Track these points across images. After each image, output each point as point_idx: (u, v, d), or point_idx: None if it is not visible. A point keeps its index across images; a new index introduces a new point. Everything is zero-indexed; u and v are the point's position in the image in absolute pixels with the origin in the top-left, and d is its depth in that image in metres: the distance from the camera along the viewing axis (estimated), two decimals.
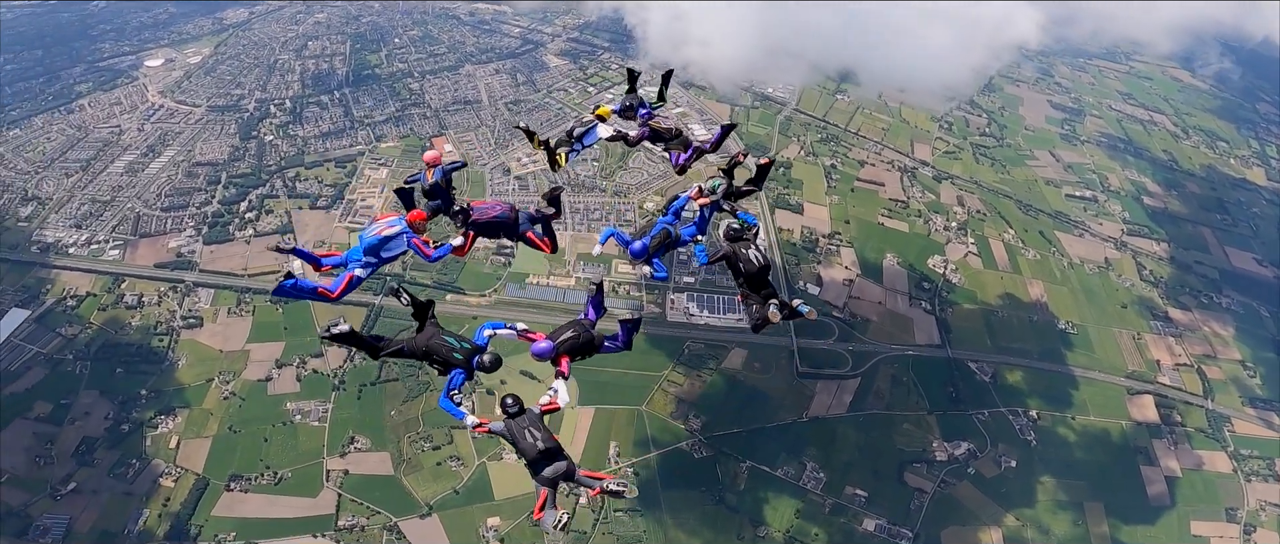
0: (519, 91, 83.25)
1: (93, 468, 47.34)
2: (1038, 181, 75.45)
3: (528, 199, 66.85)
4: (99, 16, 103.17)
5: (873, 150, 75.81)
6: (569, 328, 12.96)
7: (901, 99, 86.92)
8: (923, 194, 70.72)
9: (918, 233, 66.39)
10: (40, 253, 60.89)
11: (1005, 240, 66.99)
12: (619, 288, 59.45)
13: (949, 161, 75.85)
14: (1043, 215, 71.10)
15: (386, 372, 52.71)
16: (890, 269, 62.82)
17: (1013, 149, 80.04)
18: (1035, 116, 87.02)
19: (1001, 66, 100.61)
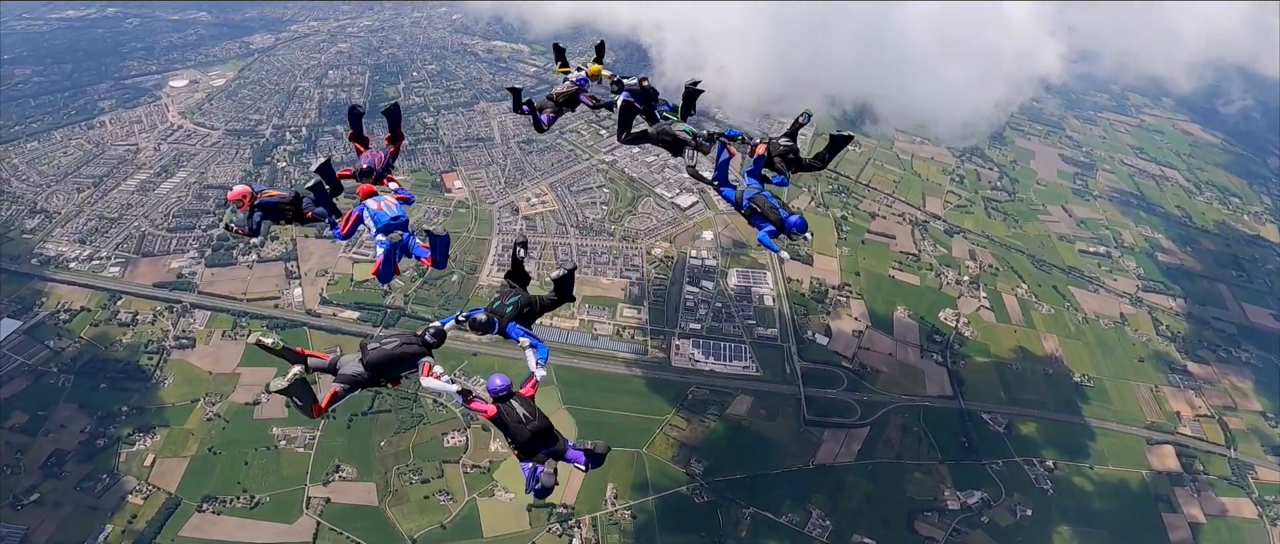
0: (531, 130, 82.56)
1: (60, 480, 45.78)
2: (1051, 237, 74.33)
3: (536, 239, 66.29)
4: (132, 34, 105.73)
5: (884, 202, 75.01)
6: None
7: (919, 136, 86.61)
8: (934, 247, 69.65)
9: (929, 286, 65.21)
10: (40, 265, 60.38)
11: (1018, 295, 65.81)
12: (623, 332, 58.09)
13: (961, 215, 74.98)
14: (1056, 271, 69.81)
15: (379, 402, 51.36)
16: (901, 321, 61.54)
17: (1025, 203, 79.13)
18: (1047, 171, 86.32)
19: (1024, 100, 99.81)
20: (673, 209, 70.73)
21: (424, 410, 51.06)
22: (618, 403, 53.11)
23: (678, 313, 59.97)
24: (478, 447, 49.44)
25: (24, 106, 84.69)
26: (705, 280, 62.75)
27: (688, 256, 64.95)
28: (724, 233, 67.65)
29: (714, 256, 65.11)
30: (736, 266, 64.28)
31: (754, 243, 66.16)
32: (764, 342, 58.35)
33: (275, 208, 12.82)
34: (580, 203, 71.28)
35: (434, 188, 72.57)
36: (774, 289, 62.34)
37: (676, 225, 68.63)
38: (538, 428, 10.32)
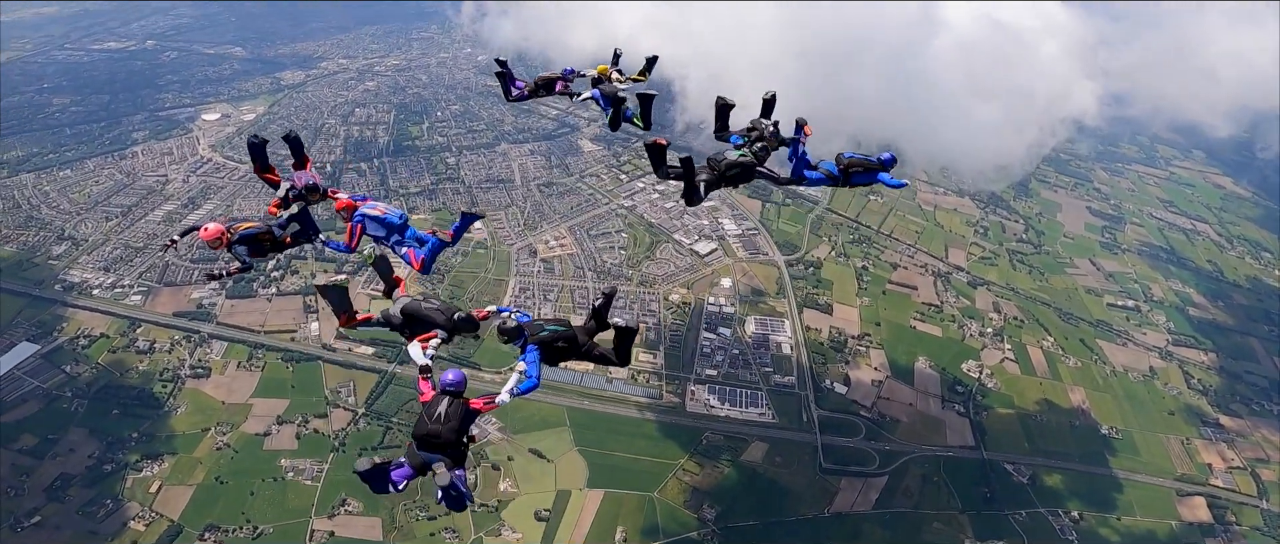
0: (551, 173, 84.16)
1: (62, 504, 45.50)
2: (1078, 290, 73.04)
3: (554, 282, 66.28)
4: (169, 67, 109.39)
5: (906, 253, 74.26)
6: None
7: (947, 178, 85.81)
8: (957, 299, 68.64)
9: (951, 337, 64.10)
10: (63, 291, 61.17)
11: (1044, 347, 64.49)
12: (638, 376, 57.51)
13: (985, 267, 73.95)
14: (1083, 324, 68.42)
15: (391, 439, 50.97)
16: (922, 372, 60.37)
17: (1051, 256, 77.87)
18: (1074, 224, 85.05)
19: (1057, 142, 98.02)
20: (691, 255, 70.53)
21: None
22: (630, 446, 52.31)
23: (694, 358, 59.34)
24: (486, 485, 48.60)
25: (60, 135, 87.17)
26: (722, 327, 62.17)
27: (705, 303, 64.51)
28: (742, 280, 67.29)
29: (732, 304, 64.62)
30: (754, 314, 63.67)
31: (773, 290, 65.93)
32: (781, 389, 57.48)
33: (255, 239, 12.45)
34: (598, 247, 71.36)
35: (445, 225, 72.82)
36: (792, 337, 61.60)
37: (695, 272, 68.36)
38: (440, 435, 9.61)
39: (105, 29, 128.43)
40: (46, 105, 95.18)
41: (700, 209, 77.00)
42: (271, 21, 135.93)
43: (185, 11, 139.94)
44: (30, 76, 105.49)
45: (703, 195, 14.89)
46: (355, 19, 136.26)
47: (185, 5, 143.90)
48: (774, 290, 66.67)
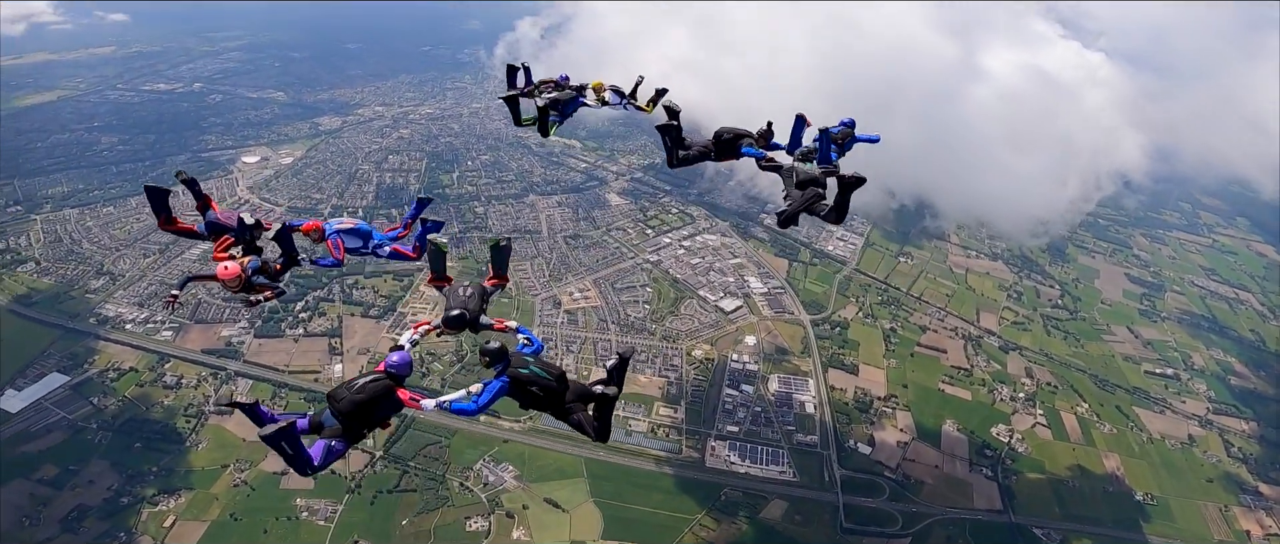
0: (578, 225, 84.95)
1: (76, 535, 45.40)
2: (1115, 357, 71.40)
3: (577, 334, 66.26)
4: (213, 109, 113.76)
5: (936, 316, 73.35)
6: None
7: (983, 232, 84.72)
8: (987, 363, 67.42)
9: (981, 401, 62.88)
10: (96, 324, 62.33)
11: (1078, 413, 63.03)
12: (657, 429, 56.90)
13: (1017, 332, 72.73)
14: (1120, 391, 66.76)
15: (406, 482, 50.70)
16: (949, 435, 59.16)
17: (1088, 323, 76.40)
18: (1112, 290, 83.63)
19: (1102, 197, 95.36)
20: (716, 312, 70.31)
21: (449, 493, 50.19)
22: (647, 500, 51.39)
23: (715, 414, 58.62)
24: (500, 533, 47.83)
25: (105, 173, 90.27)
26: (745, 384, 61.52)
27: (729, 360, 63.99)
28: (767, 338, 66.79)
29: (755, 361, 64.02)
30: (778, 373, 62.98)
31: (798, 349, 65.36)
32: (803, 448, 56.46)
33: (264, 268, 12.52)
34: (623, 300, 71.46)
35: (479, 275, 73.32)
36: (816, 396, 60.75)
37: (719, 328, 68.04)
38: (343, 401, 9.58)
39: (155, 71, 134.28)
40: (95, 143, 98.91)
41: (726, 266, 77.19)
42: (312, 68, 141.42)
43: (233, 56, 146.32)
44: (82, 114, 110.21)
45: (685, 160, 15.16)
46: (392, 67, 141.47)
47: (234, 50, 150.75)
48: (799, 349, 66.02)
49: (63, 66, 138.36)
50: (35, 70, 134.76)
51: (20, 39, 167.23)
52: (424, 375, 59.09)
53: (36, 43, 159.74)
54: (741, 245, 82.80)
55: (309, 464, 9.41)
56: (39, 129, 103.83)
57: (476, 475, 51.64)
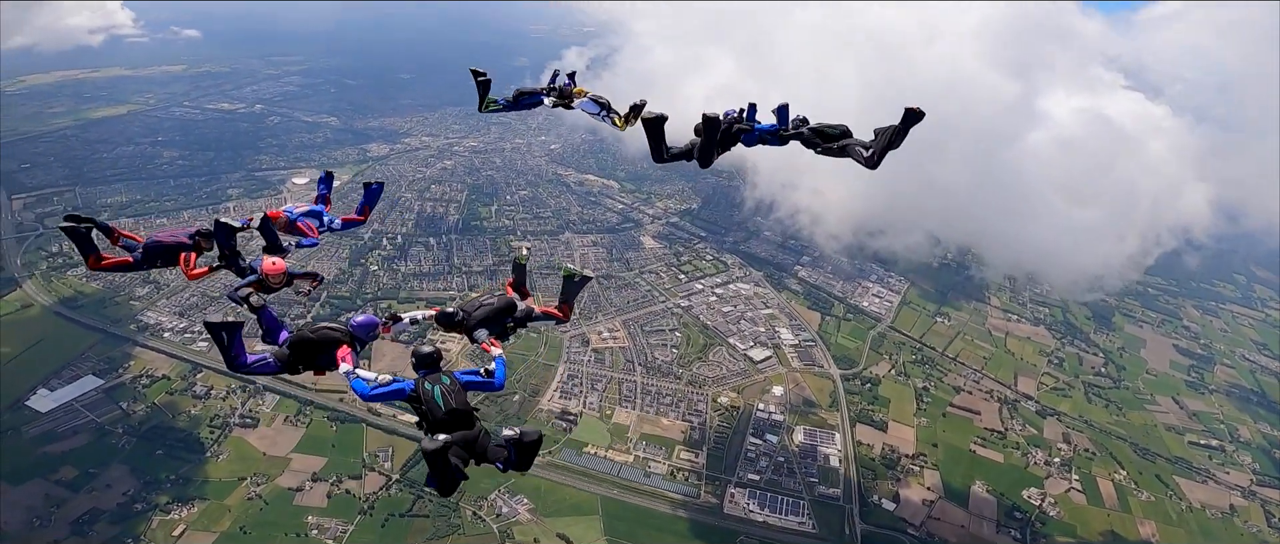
0: (611, 266, 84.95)
1: (85, 539, 45.57)
2: (1157, 427, 68.71)
3: (602, 372, 65.68)
4: (270, 131, 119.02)
5: (971, 378, 71.21)
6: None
7: (1020, 307, 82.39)
8: (1023, 427, 65.25)
9: (1014, 464, 60.81)
10: (136, 330, 63.87)
11: (1115, 480, 60.63)
12: (677, 473, 55.77)
13: (1057, 398, 70.30)
14: (1161, 460, 64.19)
15: (419, 507, 50.30)
16: (978, 496, 57.13)
17: (1131, 392, 73.60)
18: (1159, 361, 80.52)
19: (1161, 253, 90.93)
20: (745, 361, 69.30)
21: (462, 521, 49.54)
22: (661, 542, 50.21)
23: (737, 462, 57.38)
24: None
25: (163, 186, 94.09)
26: (769, 434, 60.17)
27: (754, 409, 62.83)
28: (794, 390, 65.48)
29: (781, 412, 62.66)
30: (804, 425, 61.52)
31: (825, 403, 63.98)
32: (825, 500, 54.85)
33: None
34: (651, 343, 70.88)
35: None
36: (842, 450, 59.15)
37: (747, 377, 67.02)
38: (298, 335, 10.50)
39: (221, 91, 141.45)
40: (157, 157, 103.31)
41: (758, 316, 76.27)
42: (366, 95, 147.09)
43: (293, 80, 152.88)
44: (148, 129, 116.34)
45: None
46: (440, 99, 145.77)
47: (294, 74, 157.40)
48: (826, 403, 64.50)
49: (136, 82, 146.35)
50: (110, 84, 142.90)
51: (99, 51, 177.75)
52: None
53: (114, 55, 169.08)
54: (774, 296, 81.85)
55: (238, 361, 9.98)
56: (107, 140, 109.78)
57: (491, 506, 50.97)
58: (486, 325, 11.07)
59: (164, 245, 12.17)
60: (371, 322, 10.56)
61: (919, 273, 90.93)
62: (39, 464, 49.73)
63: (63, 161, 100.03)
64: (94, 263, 11.55)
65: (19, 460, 49.62)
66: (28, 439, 51.48)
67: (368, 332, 10.63)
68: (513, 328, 11.71)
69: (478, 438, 8.76)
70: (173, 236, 12.29)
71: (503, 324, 11.47)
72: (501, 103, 15.69)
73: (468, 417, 8.90)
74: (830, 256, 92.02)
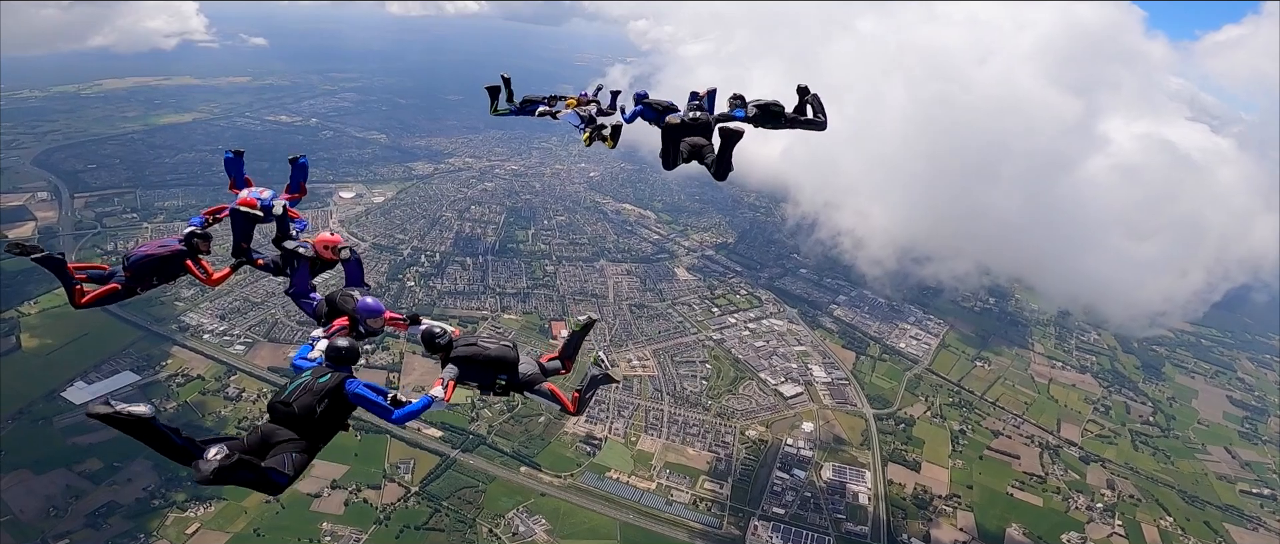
0: (644, 296, 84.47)
1: (98, 532, 45.84)
2: (1208, 475, 65.73)
3: (630, 400, 64.92)
4: (322, 144, 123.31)
5: (1011, 423, 68.75)
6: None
7: (1067, 354, 79.81)
8: (1065, 472, 62.72)
9: (1053, 508, 58.37)
10: (177, 330, 65.37)
11: (1161, 527, 57.96)
12: (700, 503, 54.67)
13: (1101, 445, 67.57)
14: (1210, 507, 61.29)
15: (435, 521, 49.94)
16: (1013, 538, 54.85)
17: (1181, 441, 70.57)
18: (1211, 411, 77.16)
19: (1231, 288, 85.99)
20: (775, 396, 68.06)
21: (477, 538, 49.10)
22: None
23: (762, 495, 55.98)
24: None
25: (219, 193, 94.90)
26: (797, 469, 58.68)
27: (783, 443, 61.42)
28: (824, 427, 63.86)
29: (810, 448, 61.07)
30: (833, 461, 59.84)
31: (856, 441, 62.39)
32: (852, 538, 53.22)
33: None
34: (680, 373, 70.09)
35: (541, 333, 73.96)
36: (872, 489, 57.42)
37: (776, 412, 65.74)
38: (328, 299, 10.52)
39: (281, 104, 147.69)
40: (216, 164, 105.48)
41: (790, 352, 74.92)
42: (414, 115, 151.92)
43: (347, 96, 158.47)
44: (211, 137, 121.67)
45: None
46: (485, 121, 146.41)
47: (348, 91, 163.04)
48: (857, 442, 62.74)
49: (204, 91, 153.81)
50: (179, 92, 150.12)
51: (172, 58, 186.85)
52: (473, 419, 58.96)
53: (186, 64, 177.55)
54: (808, 333, 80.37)
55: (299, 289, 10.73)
56: (170, 146, 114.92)
57: (507, 525, 50.45)
58: (463, 366, 9.13)
59: (156, 258, 10.82)
60: (376, 308, 10.05)
61: (959, 315, 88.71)
62: (65, 454, 50.53)
63: (127, 164, 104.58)
64: (78, 299, 10.09)
65: (46, 449, 50.60)
66: (57, 429, 52.50)
67: (369, 315, 10.08)
68: (505, 388, 9.47)
69: (258, 453, 7.37)
70: (162, 247, 10.99)
71: (489, 378, 9.34)
72: (510, 109, 15.95)
73: (296, 421, 7.48)
74: (868, 296, 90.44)
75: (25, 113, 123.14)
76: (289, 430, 7.46)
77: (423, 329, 9.78)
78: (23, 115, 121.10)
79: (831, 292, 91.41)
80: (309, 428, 7.49)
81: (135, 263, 10.66)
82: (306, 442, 7.48)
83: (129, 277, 10.62)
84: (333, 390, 7.62)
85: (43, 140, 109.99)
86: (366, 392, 7.72)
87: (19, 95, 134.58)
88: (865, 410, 67.09)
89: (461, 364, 9.12)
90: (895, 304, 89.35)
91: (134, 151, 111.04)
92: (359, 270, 11.19)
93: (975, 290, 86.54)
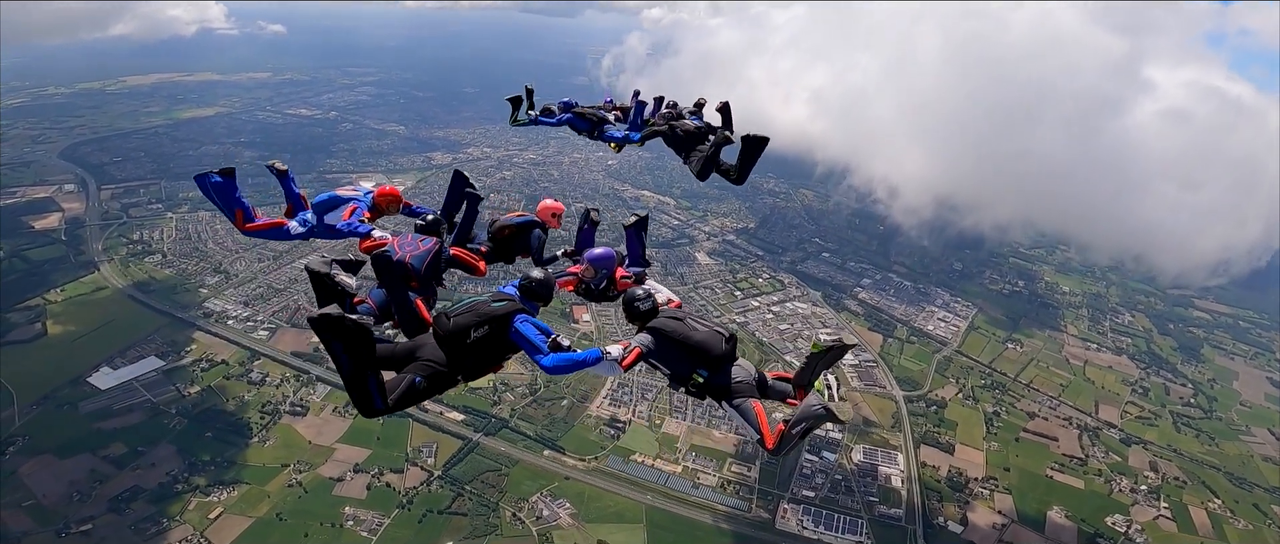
0: (665, 281, 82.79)
1: (120, 517, 45.39)
2: (1254, 457, 63.12)
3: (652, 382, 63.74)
4: (342, 136, 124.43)
5: (1047, 405, 66.65)
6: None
7: (1101, 335, 77.81)
8: (1106, 454, 60.50)
9: (1096, 491, 56.29)
10: (201, 316, 65.46)
11: (1209, 509, 55.64)
12: (727, 486, 53.39)
13: (1142, 427, 65.28)
14: (1259, 490, 58.74)
15: (458, 504, 49.20)
16: (1055, 521, 52.88)
17: (1224, 423, 67.98)
18: (1253, 393, 74.35)
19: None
20: None
21: (500, 522, 48.24)
22: None
23: (791, 477, 54.48)
24: None
25: (242, 183, 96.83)
26: (826, 451, 57.20)
27: None
28: (853, 410, 62.32)
29: (840, 431, 59.56)
30: (863, 443, 58.39)
31: (887, 423, 60.91)
32: (885, 520, 51.53)
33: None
34: None
35: (563, 316, 73.18)
36: (904, 471, 55.75)
37: None
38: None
39: (300, 98, 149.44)
40: (238, 156, 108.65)
41: (814, 335, 73.27)
42: (432, 107, 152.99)
43: (365, 90, 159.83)
44: (233, 130, 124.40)
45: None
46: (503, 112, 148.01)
47: (366, 84, 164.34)
48: (888, 424, 61.16)
49: (226, 86, 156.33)
50: (201, 88, 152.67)
51: (193, 51, 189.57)
52: (494, 403, 58.28)
53: (206, 49, 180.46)
54: (833, 316, 78.80)
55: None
56: (194, 139, 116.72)
57: (531, 508, 49.51)
58: (659, 342, 7.71)
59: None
60: (607, 256, 9.29)
61: (987, 298, 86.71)
62: (90, 438, 50.50)
63: (152, 157, 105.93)
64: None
65: (71, 434, 50.60)
66: (84, 414, 52.58)
67: (601, 264, 9.39)
68: (701, 389, 7.76)
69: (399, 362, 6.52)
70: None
71: (686, 369, 7.75)
72: (527, 119, 16.41)
73: (448, 340, 6.61)
74: (893, 279, 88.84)
75: (52, 109, 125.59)
76: (437, 350, 6.70)
77: (628, 290, 8.46)
78: (49, 111, 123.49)
79: (856, 275, 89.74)
80: (457, 352, 6.70)
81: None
82: (445, 370, 6.63)
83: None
84: (498, 318, 6.84)
85: (69, 135, 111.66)
86: (531, 330, 6.86)
87: (45, 92, 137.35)
88: (895, 392, 65.53)
89: (658, 339, 7.74)
90: (922, 287, 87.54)
91: (158, 145, 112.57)
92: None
93: (1015, 245, 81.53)
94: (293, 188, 11.18)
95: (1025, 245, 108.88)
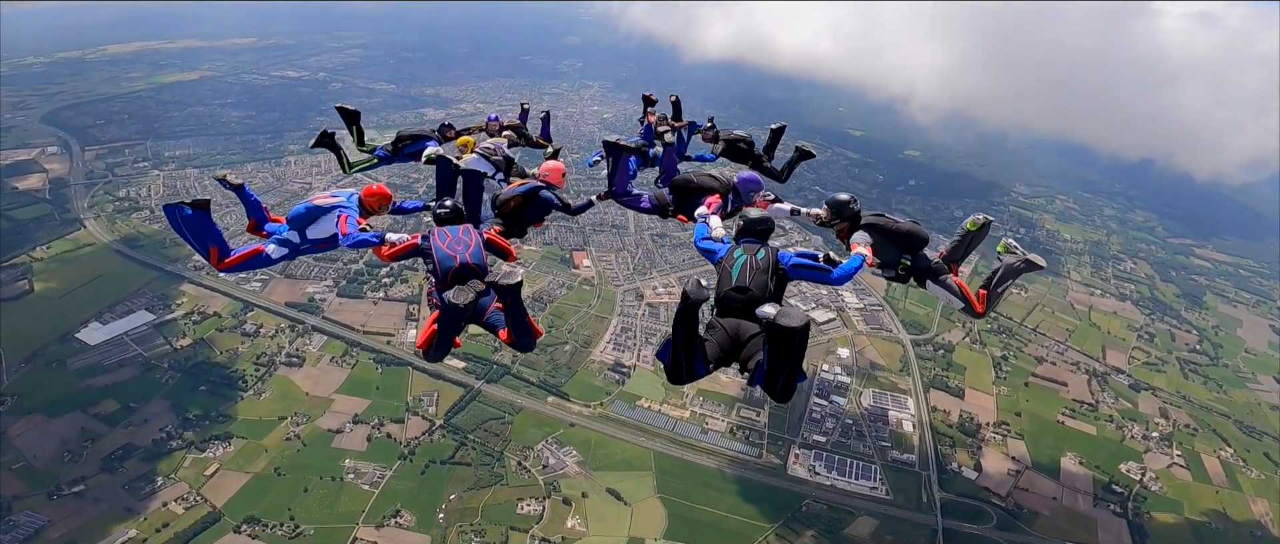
0: (665, 225, 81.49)
1: (113, 475, 43.72)
2: (1261, 405, 62.55)
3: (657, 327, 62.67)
4: (331, 95, 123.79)
5: (1054, 349, 65.70)
6: None
7: (1104, 282, 76.12)
8: (1116, 400, 59.60)
9: (1108, 437, 55.38)
10: (192, 269, 63.64)
11: (1221, 457, 55.01)
12: (737, 431, 52.28)
13: (1150, 373, 64.53)
14: (1268, 438, 58.11)
15: (462, 455, 47.89)
16: (1069, 469, 52.00)
17: (1231, 370, 67.38)
18: (1256, 340, 74.05)
19: None
20: None
21: (505, 471, 46.98)
22: (718, 502, 46.48)
23: (801, 422, 53.42)
24: (553, 519, 44.01)
25: (230, 141, 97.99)
26: (835, 396, 56.12)
27: (819, 369, 58.72)
28: (860, 354, 61.25)
29: (847, 375, 58.55)
30: (872, 387, 57.34)
31: (895, 367, 59.93)
32: (898, 465, 50.45)
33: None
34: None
35: (563, 262, 71.80)
36: (915, 416, 54.67)
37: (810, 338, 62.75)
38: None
39: (287, 61, 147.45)
40: (225, 116, 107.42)
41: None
42: (422, 67, 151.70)
43: (354, 52, 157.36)
44: (218, 92, 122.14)
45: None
46: (495, 70, 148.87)
47: (355, 47, 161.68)
48: (897, 368, 60.05)
49: (208, 52, 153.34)
50: (183, 53, 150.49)
51: (173, 15, 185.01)
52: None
53: (188, 26, 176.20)
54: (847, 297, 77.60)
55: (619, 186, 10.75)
56: (178, 101, 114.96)
57: (537, 457, 48.32)
58: (873, 235, 9.41)
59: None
60: (754, 180, 10.16)
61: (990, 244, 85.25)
62: (81, 396, 48.86)
63: (136, 119, 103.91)
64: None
65: (61, 391, 48.96)
66: (74, 371, 50.91)
67: (750, 188, 10.30)
68: (907, 273, 9.74)
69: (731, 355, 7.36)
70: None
71: (894, 256, 9.68)
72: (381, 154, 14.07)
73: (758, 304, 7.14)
74: None
75: (30, 77, 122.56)
76: (751, 323, 7.19)
77: (834, 197, 9.56)
78: (28, 79, 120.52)
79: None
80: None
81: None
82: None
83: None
84: (775, 263, 7.49)
85: (50, 100, 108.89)
86: (803, 257, 7.71)
87: (23, 62, 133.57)
88: (902, 336, 64.39)
89: (873, 233, 9.10)
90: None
91: (142, 107, 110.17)
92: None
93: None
94: (251, 197, 10.76)
95: (1025, 193, 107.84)
